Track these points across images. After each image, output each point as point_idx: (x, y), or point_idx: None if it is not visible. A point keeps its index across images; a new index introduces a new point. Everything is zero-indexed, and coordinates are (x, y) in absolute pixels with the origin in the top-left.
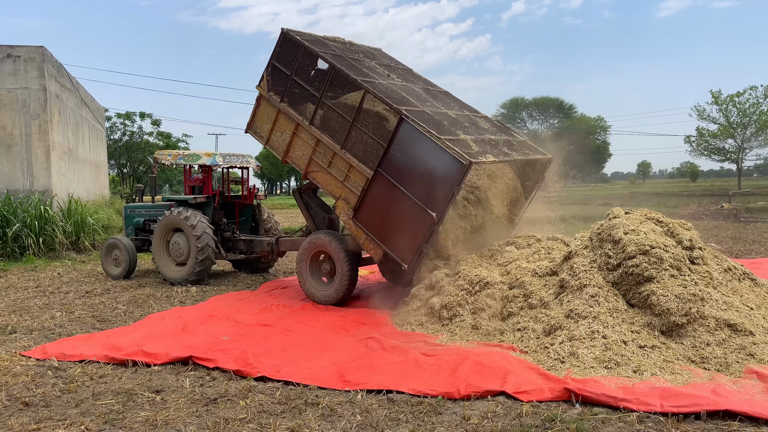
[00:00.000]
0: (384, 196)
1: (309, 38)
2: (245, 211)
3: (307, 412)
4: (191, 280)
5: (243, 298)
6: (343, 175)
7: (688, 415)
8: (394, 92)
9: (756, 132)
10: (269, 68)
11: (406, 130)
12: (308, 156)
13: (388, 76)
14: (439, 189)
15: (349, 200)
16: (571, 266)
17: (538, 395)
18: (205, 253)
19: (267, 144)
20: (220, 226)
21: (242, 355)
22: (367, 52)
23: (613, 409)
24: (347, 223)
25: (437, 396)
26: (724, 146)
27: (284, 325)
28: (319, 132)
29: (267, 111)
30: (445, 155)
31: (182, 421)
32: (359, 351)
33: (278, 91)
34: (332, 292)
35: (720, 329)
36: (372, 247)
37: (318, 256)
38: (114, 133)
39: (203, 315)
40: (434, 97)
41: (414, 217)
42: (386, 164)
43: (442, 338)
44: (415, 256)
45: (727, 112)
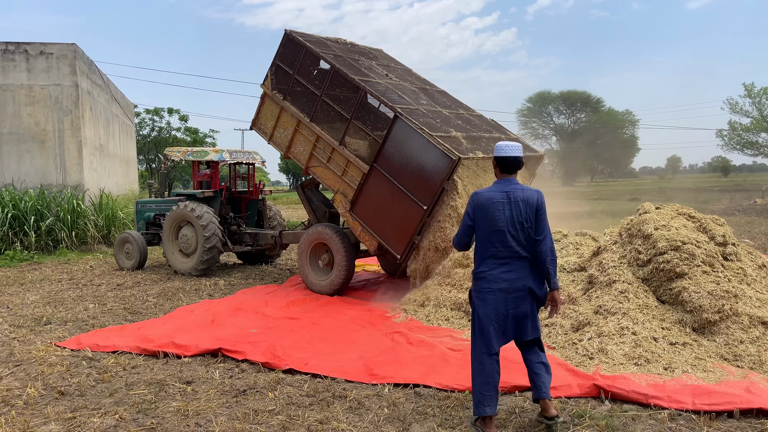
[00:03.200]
0: (379, 190)
1: (311, 39)
2: (251, 205)
3: (335, 404)
4: (199, 269)
5: (270, 291)
6: (341, 170)
7: (721, 413)
8: (390, 91)
9: None
10: (273, 67)
11: (400, 127)
12: (309, 152)
13: (386, 75)
14: (430, 183)
15: (346, 194)
16: (600, 262)
17: (566, 391)
18: (212, 242)
19: (270, 140)
20: (227, 220)
21: (270, 348)
22: (368, 52)
23: (643, 407)
24: (344, 216)
25: (464, 391)
26: (757, 140)
27: (311, 319)
28: (319, 129)
29: (271, 108)
30: (435, 151)
31: (212, 411)
32: (386, 345)
33: (281, 90)
34: (330, 282)
35: (754, 327)
36: (367, 238)
37: (318, 247)
38: (143, 128)
39: (231, 308)
40: (430, 96)
41: (406, 209)
42: (381, 159)
43: (468, 333)
44: (408, 248)
45: (760, 105)
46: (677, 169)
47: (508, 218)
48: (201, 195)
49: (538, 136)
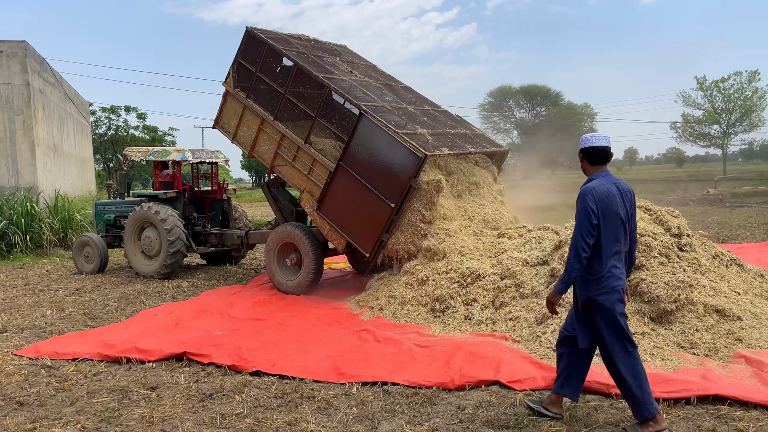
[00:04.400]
0: (346, 188)
1: (273, 36)
2: (215, 205)
3: (304, 405)
4: (162, 273)
5: (235, 292)
6: (307, 169)
7: (679, 400)
8: (355, 88)
9: (740, 117)
10: (235, 65)
11: (365, 124)
12: (273, 150)
13: (350, 72)
14: (397, 180)
15: (313, 193)
16: (561, 255)
17: (531, 384)
18: (177, 247)
19: (234, 139)
20: (191, 221)
21: (236, 350)
22: (332, 49)
23: (605, 396)
24: (312, 215)
25: (432, 387)
26: (709, 132)
27: (277, 319)
28: (284, 127)
29: (233, 107)
30: (401, 148)
31: (179, 417)
32: (353, 343)
33: (244, 88)
34: (298, 282)
35: (708, 315)
36: (335, 237)
37: (285, 247)
38: (99, 127)
39: (196, 310)
40: (395, 93)
41: (374, 207)
42: (347, 157)
43: (435, 329)
44: (376, 246)
45: (711, 98)
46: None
47: (624, 211)
48: (164, 196)
49: (500, 130)
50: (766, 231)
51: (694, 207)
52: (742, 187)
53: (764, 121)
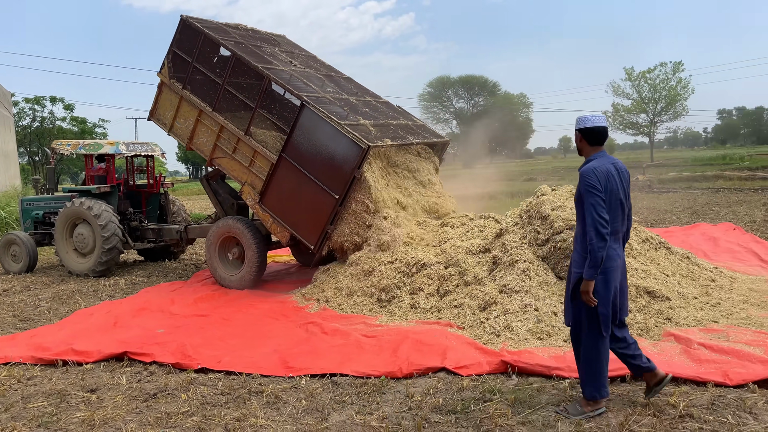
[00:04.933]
0: (288, 181)
1: (209, 25)
2: (152, 199)
3: (252, 400)
4: (98, 271)
5: (176, 288)
6: (248, 161)
7: (615, 378)
8: (295, 79)
9: (666, 107)
10: (170, 55)
11: (307, 116)
12: (213, 142)
13: (290, 62)
14: (340, 172)
15: (255, 185)
16: (502, 243)
17: (476, 369)
18: (112, 243)
19: (170, 131)
20: (126, 216)
21: (180, 348)
22: (270, 39)
23: (547, 378)
24: (254, 208)
25: (380, 376)
26: (637, 120)
27: (222, 315)
28: (223, 118)
29: (169, 98)
30: (344, 139)
31: (121, 419)
32: (300, 336)
33: (180, 78)
34: (241, 276)
35: (640, 296)
36: (279, 230)
37: (227, 241)
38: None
39: (135, 308)
40: (336, 84)
41: (318, 199)
42: (289, 149)
43: (381, 319)
44: (321, 238)
45: (639, 87)
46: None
47: (622, 192)
48: (97, 191)
49: (440, 120)
50: (690, 215)
51: None
52: (668, 174)
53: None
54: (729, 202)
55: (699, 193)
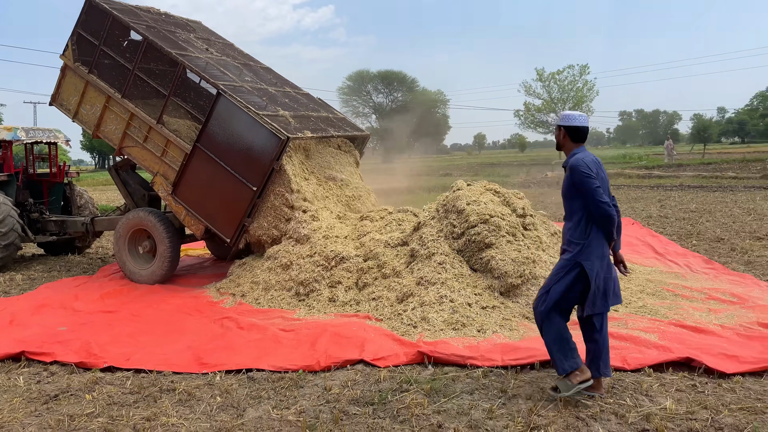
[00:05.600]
0: (204, 172)
1: (118, 7)
2: (55, 189)
3: (163, 399)
4: None
5: (80, 284)
6: (160, 150)
7: (525, 366)
8: (212, 67)
9: (573, 107)
10: (74, 37)
11: (223, 105)
12: (122, 130)
13: (206, 50)
14: (258, 163)
15: (167, 176)
16: (420, 236)
17: (394, 360)
18: (9, 239)
19: (75, 118)
20: (26, 207)
21: (84, 346)
22: (185, 24)
23: (461, 367)
24: (166, 200)
25: (298, 370)
26: (547, 119)
27: (131, 311)
28: (133, 105)
29: (74, 82)
30: (263, 130)
31: (19, 422)
32: (215, 332)
33: (86, 62)
34: (151, 272)
35: None
36: (193, 223)
37: (137, 234)
38: None
39: (34, 305)
40: (255, 73)
41: (234, 191)
42: (205, 139)
43: (300, 312)
44: (238, 231)
45: (549, 88)
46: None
47: (605, 182)
48: None
49: (359, 114)
50: None
51: (534, 189)
52: None
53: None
54: (628, 198)
55: None
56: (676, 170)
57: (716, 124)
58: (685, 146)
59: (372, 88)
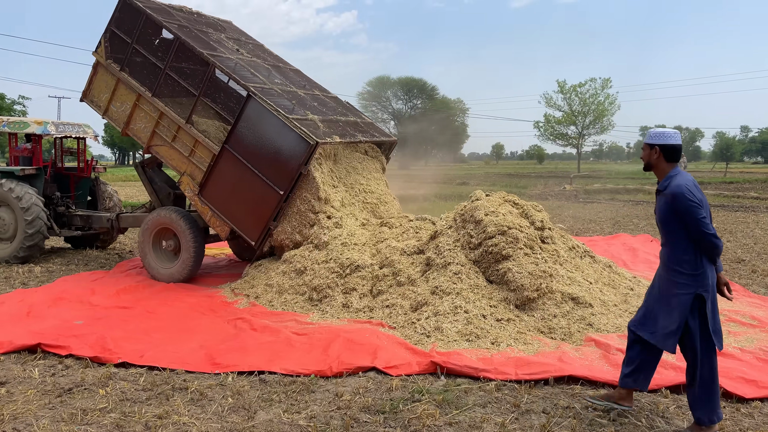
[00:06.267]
0: (231, 173)
1: (152, 5)
2: (82, 184)
3: (175, 397)
4: (20, 257)
5: (97, 278)
6: (188, 150)
7: (539, 381)
8: (242, 68)
9: (594, 120)
10: (107, 34)
11: (253, 107)
12: (151, 129)
13: (237, 51)
14: (286, 167)
15: (194, 176)
16: (437, 245)
17: (406, 369)
18: (35, 227)
19: (105, 115)
20: (53, 200)
21: (100, 341)
22: (216, 24)
23: (474, 379)
24: (193, 200)
25: (310, 375)
26: (566, 132)
27: (146, 307)
28: (163, 104)
29: (105, 79)
30: (292, 134)
31: (33, 414)
32: (228, 332)
33: (118, 59)
34: (176, 270)
35: (565, 302)
36: (218, 224)
37: (162, 233)
38: None
39: (51, 297)
40: (284, 75)
41: (261, 194)
42: (233, 141)
43: (313, 317)
44: (263, 234)
45: (570, 100)
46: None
47: (707, 205)
48: (21, 173)
49: (378, 120)
50: (612, 225)
51: (552, 201)
52: (593, 185)
53: (613, 125)
54: (648, 214)
55: (621, 205)
56: None
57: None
58: (707, 164)
59: (392, 94)
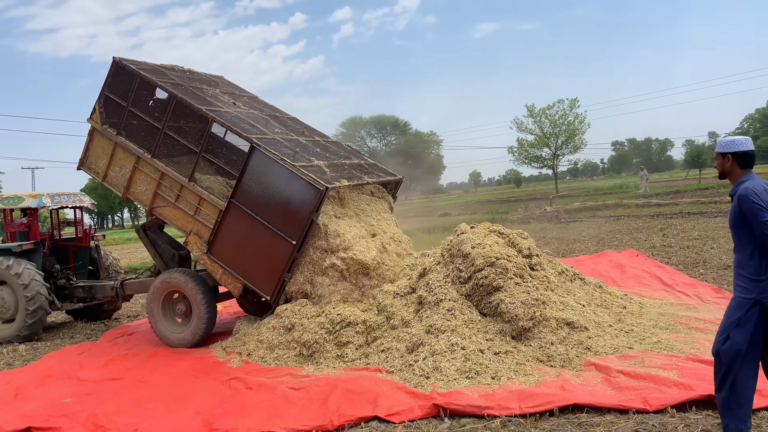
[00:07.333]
0: (240, 228)
1: (145, 67)
2: (81, 254)
3: None
4: (23, 336)
5: (84, 351)
6: (193, 209)
7: (543, 413)
8: (241, 120)
9: (566, 140)
10: (101, 99)
11: (258, 158)
12: (153, 191)
13: (233, 104)
14: (297, 216)
15: (201, 234)
16: (427, 282)
17: (409, 415)
18: (37, 303)
19: (104, 181)
20: (53, 274)
21: (91, 417)
22: (209, 80)
23: (478, 418)
24: (201, 259)
25: (311, 431)
26: (540, 154)
27: (136, 376)
28: (163, 165)
29: (102, 145)
30: (300, 182)
31: None
32: (224, 394)
33: (114, 124)
34: (189, 334)
35: (560, 328)
36: (230, 281)
37: (171, 296)
38: None
39: (38, 376)
40: (282, 124)
41: (273, 246)
42: (240, 194)
43: (308, 369)
44: (278, 287)
45: (540, 123)
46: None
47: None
48: (18, 249)
49: None
50: (597, 243)
51: (534, 224)
52: (573, 204)
53: (586, 143)
54: (630, 228)
55: (602, 222)
56: (674, 197)
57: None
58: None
59: (366, 133)
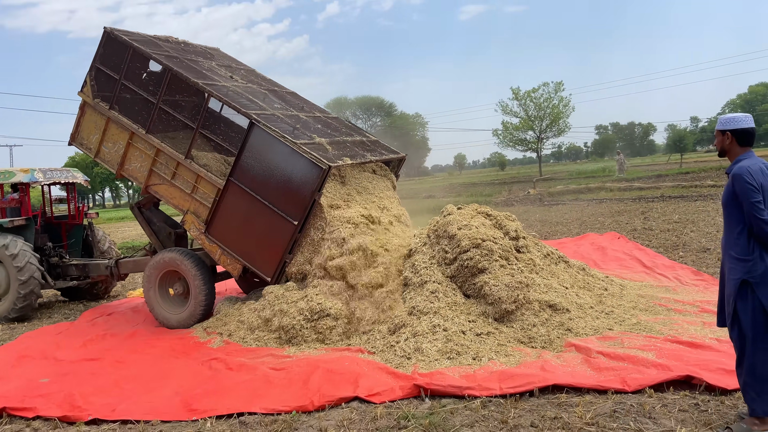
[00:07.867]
0: (239, 207)
1: (138, 38)
2: (74, 232)
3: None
4: (12, 317)
5: (61, 331)
6: (190, 187)
7: (524, 393)
8: (239, 95)
9: (550, 124)
10: (92, 72)
11: (257, 135)
12: (148, 168)
13: (230, 77)
14: (299, 196)
15: (199, 213)
16: (412, 263)
17: (390, 395)
18: (30, 287)
19: (97, 156)
20: (45, 251)
21: (68, 398)
22: (205, 52)
23: (459, 398)
24: (199, 238)
25: (291, 411)
26: (525, 137)
27: (115, 357)
28: (159, 141)
29: (94, 120)
30: (302, 160)
31: None
32: (204, 375)
33: (106, 98)
34: (188, 315)
35: (543, 310)
36: (229, 262)
37: (167, 276)
38: None
39: (14, 356)
40: (282, 99)
41: (274, 226)
42: (239, 172)
43: (289, 350)
44: (278, 268)
45: (525, 106)
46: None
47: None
48: (9, 224)
49: None
50: (579, 225)
51: (518, 207)
52: (556, 187)
53: (570, 127)
54: (612, 212)
55: (585, 205)
56: (656, 181)
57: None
58: (663, 156)
59: (351, 114)
